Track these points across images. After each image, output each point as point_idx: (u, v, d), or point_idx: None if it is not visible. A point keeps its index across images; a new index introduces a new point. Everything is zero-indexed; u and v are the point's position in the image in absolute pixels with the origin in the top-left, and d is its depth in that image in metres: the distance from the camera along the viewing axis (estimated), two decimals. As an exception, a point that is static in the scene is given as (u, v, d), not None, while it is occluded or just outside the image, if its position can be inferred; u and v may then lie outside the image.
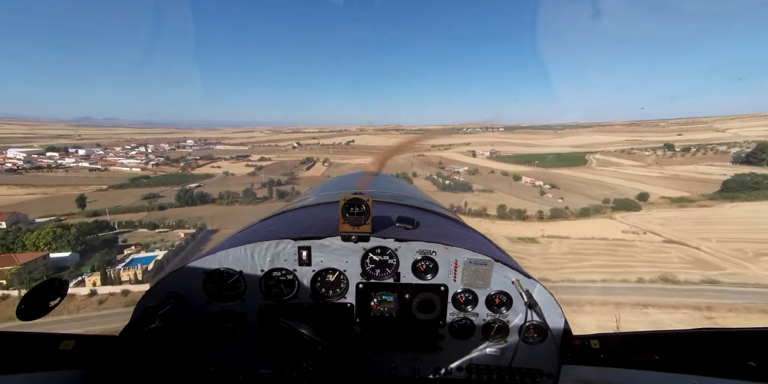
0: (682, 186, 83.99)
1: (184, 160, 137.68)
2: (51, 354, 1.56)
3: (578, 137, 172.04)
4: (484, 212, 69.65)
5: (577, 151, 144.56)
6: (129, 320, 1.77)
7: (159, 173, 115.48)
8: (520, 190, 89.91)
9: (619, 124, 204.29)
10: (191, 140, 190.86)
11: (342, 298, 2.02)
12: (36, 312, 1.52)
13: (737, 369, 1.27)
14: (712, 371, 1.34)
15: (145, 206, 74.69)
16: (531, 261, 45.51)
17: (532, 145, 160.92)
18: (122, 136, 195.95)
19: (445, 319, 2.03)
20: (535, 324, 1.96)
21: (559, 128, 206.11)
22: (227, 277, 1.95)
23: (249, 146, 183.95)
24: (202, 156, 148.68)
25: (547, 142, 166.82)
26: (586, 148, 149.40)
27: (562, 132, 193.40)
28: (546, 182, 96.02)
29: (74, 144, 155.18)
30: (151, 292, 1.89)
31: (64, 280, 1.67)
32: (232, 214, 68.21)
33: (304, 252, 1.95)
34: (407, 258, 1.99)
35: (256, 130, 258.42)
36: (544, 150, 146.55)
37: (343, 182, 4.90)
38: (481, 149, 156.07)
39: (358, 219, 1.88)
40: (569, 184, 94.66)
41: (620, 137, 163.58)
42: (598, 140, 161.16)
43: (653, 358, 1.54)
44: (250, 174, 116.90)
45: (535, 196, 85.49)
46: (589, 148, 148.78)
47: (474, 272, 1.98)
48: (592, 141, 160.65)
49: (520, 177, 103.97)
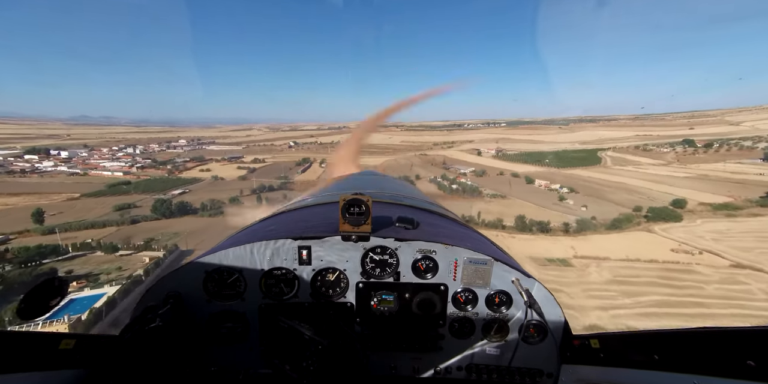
0: (718, 189, 74.32)
1: (172, 163, 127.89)
2: (51, 353, 1.56)
3: (584, 132, 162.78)
4: (500, 224, 59.82)
5: (586, 147, 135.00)
6: (129, 320, 1.73)
7: (143, 178, 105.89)
8: (535, 195, 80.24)
9: (624, 118, 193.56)
10: (184, 140, 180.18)
11: (342, 298, 2.00)
12: (36, 311, 1.51)
13: (736, 368, 1.27)
14: (711, 370, 1.34)
15: (114, 220, 64.57)
16: (570, 294, 35.65)
17: (538, 141, 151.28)
18: (115, 136, 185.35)
19: (445, 319, 2.01)
20: (535, 323, 1.94)
21: (562, 123, 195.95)
22: (227, 277, 1.93)
23: (243, 146, 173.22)
24: (192, 157, 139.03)
25: (552, 138, 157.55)
26: (595, 144, 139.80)
27: (566, 127, 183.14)
28: (563, 185, 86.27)
29: (60, 145, 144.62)
30: (151, 291, 1.86)
31: (65, 279, 1.67)
32: (213, 228, 57.57)
33: (305, 251, 1.93)
34: (407, 257, 1.97)
35: (254, 127, 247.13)
36: (551, 147, 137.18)
37: (343, 182, 4.89)
38: (485, 147, 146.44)
39: (358, 219, 1.87)
40: (589, 187, 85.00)
41: (628, 132, 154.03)
42: (605, 135, 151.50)
43: (653, 358, 1.54)
44: (241, 178, 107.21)
45: (553, 202, 75.83)
46: (599, 144, 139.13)
47: (474, 271, 1.96)
48: (599, 136, 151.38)
49: (533, 179, 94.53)
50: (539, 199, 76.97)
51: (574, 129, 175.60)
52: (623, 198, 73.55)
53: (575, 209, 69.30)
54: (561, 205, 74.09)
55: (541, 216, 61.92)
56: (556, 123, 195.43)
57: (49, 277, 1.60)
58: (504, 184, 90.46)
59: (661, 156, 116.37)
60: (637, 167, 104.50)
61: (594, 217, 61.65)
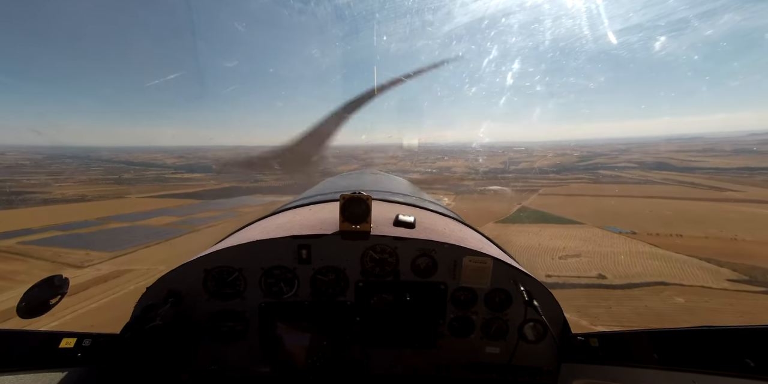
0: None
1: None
2: (51, 352, 1.54)
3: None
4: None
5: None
6: (129, 319, 1.68)
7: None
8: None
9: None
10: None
11: (341, 297, 1.95)
12: (36, 310, 1.51)
13: (735, 366, 1.26)
14: (710, 369, 1.32)
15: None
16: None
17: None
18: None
19: (444, 318, 1.96)
20: (534, 322, 1.90)
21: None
22: (227, 275, 1.87)
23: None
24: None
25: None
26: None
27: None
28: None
29: None
30: (151, 290, 1.81)
31: (65, 278, 1.65)
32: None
33: (304, 250, 1.88)
34: (407, 256, 1.91)
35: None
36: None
37: (343, 181, 4.65)
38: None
39: (358, 217, 1.84)
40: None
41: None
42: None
43: (652, 356, 1.51)
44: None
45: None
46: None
47: (473, 270, 1.91)
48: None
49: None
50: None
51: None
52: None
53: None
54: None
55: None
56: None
57: (49, 276, 1.57)
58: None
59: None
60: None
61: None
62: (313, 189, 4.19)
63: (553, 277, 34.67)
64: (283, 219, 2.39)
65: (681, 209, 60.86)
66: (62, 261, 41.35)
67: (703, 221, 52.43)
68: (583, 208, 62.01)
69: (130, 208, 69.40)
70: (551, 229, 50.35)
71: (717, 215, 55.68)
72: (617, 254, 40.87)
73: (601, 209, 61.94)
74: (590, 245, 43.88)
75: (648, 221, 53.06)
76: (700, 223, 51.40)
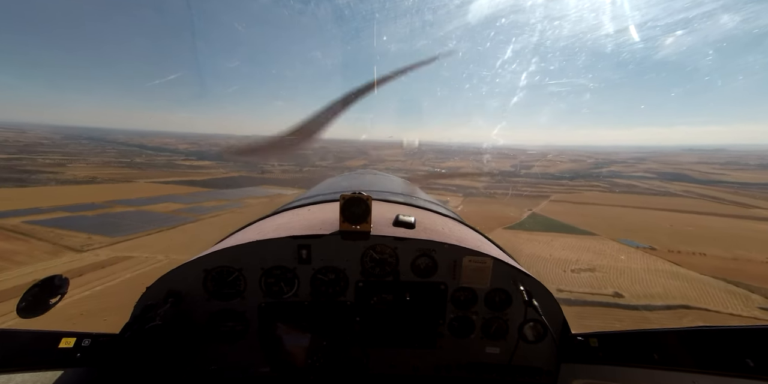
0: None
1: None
2: (51, 352, 1.53)
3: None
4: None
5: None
6: (129, 318, 1.70)
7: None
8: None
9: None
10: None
11: (341, 297, 1.93)
12: (36, 310, 1.51)
13: (735, 366, 1.25)
14: (710, 369, 1.31)
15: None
16: None
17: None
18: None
19: (444, 318, 1.95)
20: (534, 322, 1.90)
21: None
22: (227, 275, 1.86)
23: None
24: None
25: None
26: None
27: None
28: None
29: None
30: (150, 290, 1.79)
31: (65, 277, 1.64)
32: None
33: (304, 250, 1.87)
34: (407, 256, 1.90)
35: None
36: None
37: (343, 181, 4.56)
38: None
39: (358, 217, 1.83)
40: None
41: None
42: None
43: (652, 356, 1.50)
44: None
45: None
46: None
47: (473, 271, 1.90)
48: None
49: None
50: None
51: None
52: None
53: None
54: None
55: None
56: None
57: (49, 276, 1.55)
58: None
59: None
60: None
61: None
62: (313, 189, 4.05)
63: (565, 293, 32.17)
64: (283, 219, 2.32)
65: (704, 225, 57.09)
66: (63, 243, 40.65)
67: (729, 239, 48.86)
68: (598, 218, 58.76)
69: (138, 193, 69.83)
70: (563, 239, 47.46)
71: (744, 234, 51.96)
72: (635, 271, 37.93)
73: (617, 220, 58.64)
74: (605, 259, 41.07)
75: (668, 236, 49.64)
76: (725, 242, 47.90)
